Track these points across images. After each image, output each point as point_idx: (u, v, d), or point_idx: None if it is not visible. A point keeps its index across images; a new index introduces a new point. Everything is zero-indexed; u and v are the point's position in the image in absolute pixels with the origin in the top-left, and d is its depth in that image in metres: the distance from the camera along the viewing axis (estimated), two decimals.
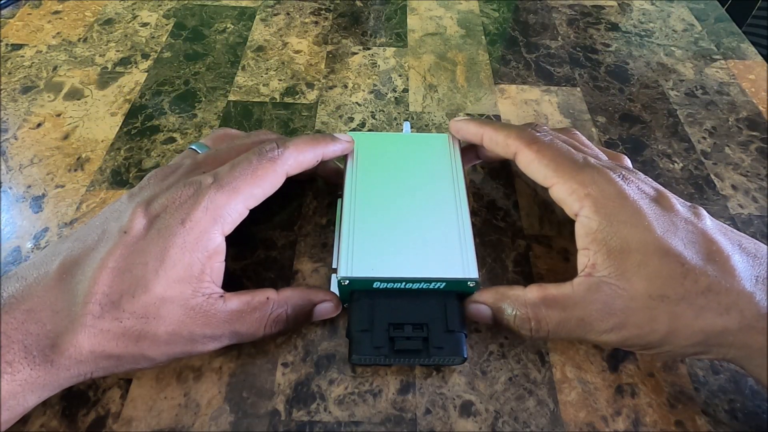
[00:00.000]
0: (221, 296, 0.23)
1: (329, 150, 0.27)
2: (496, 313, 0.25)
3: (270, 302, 0.24)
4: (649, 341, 0.22)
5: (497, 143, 0.27)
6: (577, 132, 0.29)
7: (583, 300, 0.22)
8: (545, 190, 0.25)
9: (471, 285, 0.24)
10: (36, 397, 0.20)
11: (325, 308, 0.25)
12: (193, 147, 0.28)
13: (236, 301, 0.23)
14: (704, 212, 0.24)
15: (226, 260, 0.24)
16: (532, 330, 0.24)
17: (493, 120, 0.38)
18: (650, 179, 0.25)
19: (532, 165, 0.25)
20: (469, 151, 0.32)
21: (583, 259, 0.23)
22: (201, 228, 0.22)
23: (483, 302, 0.25)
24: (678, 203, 0.24)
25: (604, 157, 0.27)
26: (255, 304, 0.23)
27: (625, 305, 0.22)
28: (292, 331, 0.26)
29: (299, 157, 0.25)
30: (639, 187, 0.24)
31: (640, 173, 0.25)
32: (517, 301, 0.24)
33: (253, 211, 0.24)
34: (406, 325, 0.23)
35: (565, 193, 0.24)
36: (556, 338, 0.26)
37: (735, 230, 0.24)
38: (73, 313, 0.20)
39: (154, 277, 0.21)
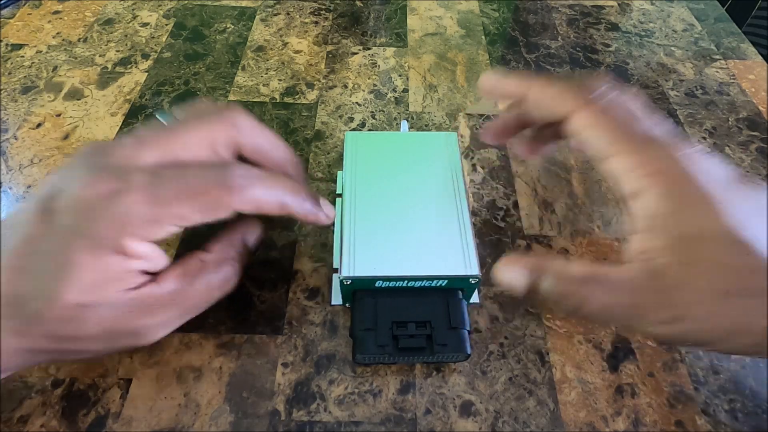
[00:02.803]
0: (153, 281, 0.20)
1: (301, 208, 0.23)
2: (530, 283, 0.22)
3: (207, 265, 0.22)
4: (707, 338, 0.20)
5: (548, 101, 0.23)
6: (639, 97, 0.24)
7: (640, 286, 0.20)
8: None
9: (473, 282, 0.24)
10: None
11: (255, 235, 0.23)
12: (158, 116, 0.24)
13: (172, 279, 0.21)
14: None
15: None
16: (572, 308, 0.21)
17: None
18: (722, 160, 0.22)
19: (588, 131, 0.22)
20: (503, 124, 0.27)
21: (641, 244, 0.21)
22: (111, 235, 0.19)
23: (521, 267, 0.21)
24: (752, 189, 0.21)
25: (669, 127, 0.23)
26: (193, 273, 0.21)
27: (687, 297, 0.19)
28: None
29: (262, 200, 0.21)
30: (711, 169, 0.21)
31: (714, 152, 0.22)
32: (560, 275, 0.21)
33: None
34: (410, 323, 0.23)
35: (625, 167, 0.21)
36: (596, 321, 0.23)
37: None
38: None
39: (61, 283, 0.18)
